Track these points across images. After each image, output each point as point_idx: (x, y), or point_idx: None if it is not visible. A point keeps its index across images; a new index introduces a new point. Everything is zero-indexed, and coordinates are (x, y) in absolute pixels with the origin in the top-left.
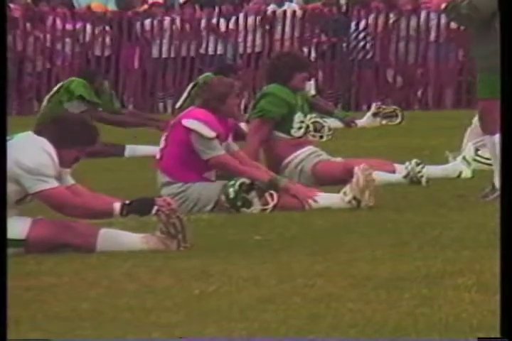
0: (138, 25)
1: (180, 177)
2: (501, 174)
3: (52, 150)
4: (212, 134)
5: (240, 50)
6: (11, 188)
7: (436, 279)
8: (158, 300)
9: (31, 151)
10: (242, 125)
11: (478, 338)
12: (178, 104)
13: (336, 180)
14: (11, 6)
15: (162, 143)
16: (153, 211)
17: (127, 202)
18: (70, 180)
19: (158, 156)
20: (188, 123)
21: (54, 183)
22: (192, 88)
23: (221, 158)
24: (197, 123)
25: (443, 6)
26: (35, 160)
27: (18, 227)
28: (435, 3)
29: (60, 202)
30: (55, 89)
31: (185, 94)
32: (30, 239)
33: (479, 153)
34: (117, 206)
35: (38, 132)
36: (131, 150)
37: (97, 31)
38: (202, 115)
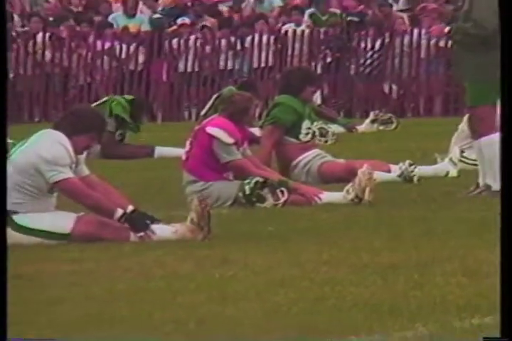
0: (166, 43)
1: (203, 176)
2: (501, 173)
3: (66, 142)
4: (231, 140)
5: (255, 64)
6: (40, 180)
7: (426, 266)
8: (183, 283)
9: (48, 144)
10: (256, 130)
11: (484, 338)
12: (202, 112)
13: (339, 179)
14: (61, 28)
15: (187, 147)
16: (148, 230)
17: (130, 209)
18: (85, 170)
19: (183, 158)
20: (210, 130)
21: (69, 173)
22: (216, 98)
23: (238, 162)
24: (218, 130)
25: (446, 30)
26: (51, 151)
27: (63, 222)
28: (436, 29)
29: (74, 192)
30: (101, 101)
31: (209, 104)
32: (75, 234)
33: (464, 154)
34: (119, 212)
35: (55, 126)
36: (160, 151)
37: (131, 49)
38: (223, 123)
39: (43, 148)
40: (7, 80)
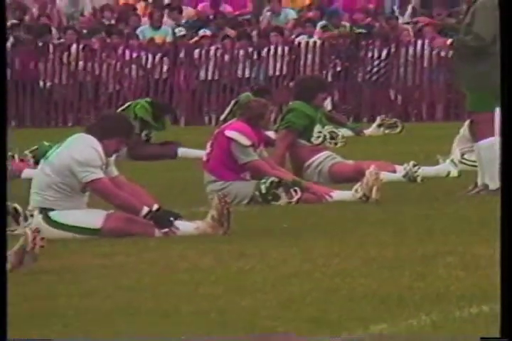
0: (189, 53)
1: (222, 176)
2: (501, 173)
3: (98, 145)
4: (248, 143)
5: (270, 73)
6: (73, 180)
7: (429, 259)
8: (204, 276)
9: (81, 147)
10: (271, 133)
11: (481, 338)
12: (222, 117)
13: (348, 179)
14: (93, 40)
15: (208, 149)
16: (172, 227)
17: (155, 208)
18: (115, 171)
19: (204, 159)
20: (229, 133)
21: (100, 174)
22: (234, 104)
23: (255, 163)
24: (236, 133)
25: (448, 42)
26: (84, 154)
27: (94, 219)
28: (439, 41)
29: (105, 192)
30: (125, 106)
31: (228, 109)
32: (105, 230)
33: (465, 156)
34: (145, 210)
35: (87, 130)
36: (183, 153)
37: (157, 59)
38: (241, 127)
39: (77, 151)
40: (6, 83)
